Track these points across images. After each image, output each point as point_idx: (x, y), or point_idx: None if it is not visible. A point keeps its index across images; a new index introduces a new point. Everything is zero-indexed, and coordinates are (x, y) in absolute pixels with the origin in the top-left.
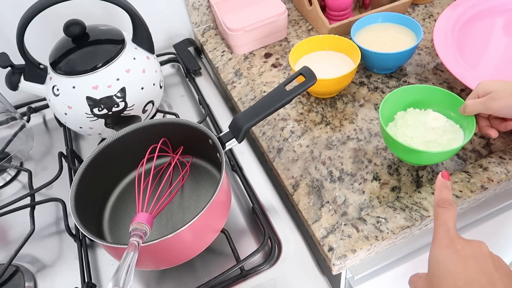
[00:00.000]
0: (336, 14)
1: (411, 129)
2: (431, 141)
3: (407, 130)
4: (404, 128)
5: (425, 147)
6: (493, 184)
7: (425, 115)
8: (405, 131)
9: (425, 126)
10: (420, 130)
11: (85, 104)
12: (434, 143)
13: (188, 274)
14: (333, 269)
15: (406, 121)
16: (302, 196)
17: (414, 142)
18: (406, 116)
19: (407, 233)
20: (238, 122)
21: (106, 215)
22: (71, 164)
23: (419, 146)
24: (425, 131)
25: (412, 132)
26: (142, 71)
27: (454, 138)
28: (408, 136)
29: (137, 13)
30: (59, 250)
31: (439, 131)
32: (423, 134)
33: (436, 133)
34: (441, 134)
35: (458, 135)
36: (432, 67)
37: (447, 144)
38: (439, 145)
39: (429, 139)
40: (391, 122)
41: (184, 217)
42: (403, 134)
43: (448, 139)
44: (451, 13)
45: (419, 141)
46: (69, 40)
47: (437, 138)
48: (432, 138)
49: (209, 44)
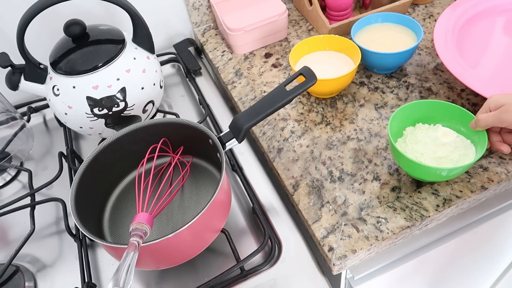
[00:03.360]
0: (336, 14)
1: (421, 145)
2: (442, 157)
3: (417, 146)
4: (413, 144)
5: (436, 164)
6: (493, 184)
7: (434, 131)
8: (415, 147)
9: (435, 142)
10: (430, 146)
11: (85, 104)
12: (446, 159)
13: (188, 274)
14: (333, 269)
15: (416, 137)
16: (302, 196)
17: (424, 158)
18: (415, 132)
19: (407, 233)
20: (238, 122)
21: (106, 215)
22: (71, 164)
23: (430, 162)
24: (435, 147)
25: (422, 148)
26: (143, 71)
27: (466, 154)
28: (418, 153)
29: (137, 13)
30: (59, 250)
31: (450, 146)
32: (434, 150)
33: (447, 149)
34: (452, 150)
35: (470, 151)
36: (432, 67)
37: (458, 160)
38: (451, 161)
39: (440, 155)
40: (400, 138)
41: (184, 217)
42: (413, 151)
43: (460, 155)
44: (452, 13)
45: (429, 157)
46: (69, 40)
47: (448, 154)
48: (443, 154)
49: (210, 44)
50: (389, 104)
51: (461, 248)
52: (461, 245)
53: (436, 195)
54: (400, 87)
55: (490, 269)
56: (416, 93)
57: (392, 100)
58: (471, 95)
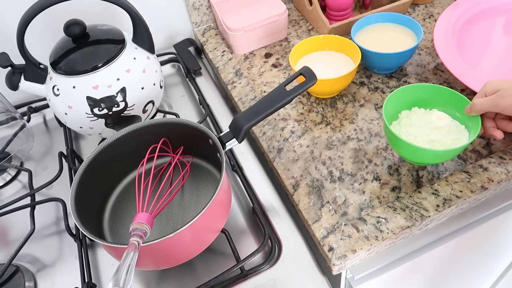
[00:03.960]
0: (336, 14)
1: (415, 128)
2: (435, 141)
3: (411, 129)
4: (408, 127)
5: (429, 146)
6: (493, 184)
7: (429, 115)
8: (408, 130)
9: (429, 126)
10: (424, 129)
11: (85, 104)
12: (438, 143)
13: (188, 274)
14: (333, 269)
15: (411, 120)
16: (302, 196)
17: (417, 141)
18: (410, 115)
19: (407, 233)
20: (238, 122)
21: (106, 215)
22: (71, 164)
23: (423, 145)
24: (429, 130)
25: (416, 131)
26: (143, 71)
27: (459, 139)
28: (411, 135)
29: (137, 13)
30: (59, 250)
31: (443, 130)
32: (427, 133)
33: (440, 132)
34: (446, 134)
35: (463, 136)
36: (432, 67)
37: (451, 144)
38: (443, 144)
39: (433, 138)
40: (395, 120)
41: (184, 217)
42: (406, 133)
43: (453, 139)
44: (452, 13)
45: (422, 140)
46: (69, 40)
47: (441, 137)
48: (436, 137)
49: (210, 44)
50: None
51: (461, 248)
52: (461, 245)
53: (436, 195)
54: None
55: (490, 269)
56: None
57: None
58: (471, 95)
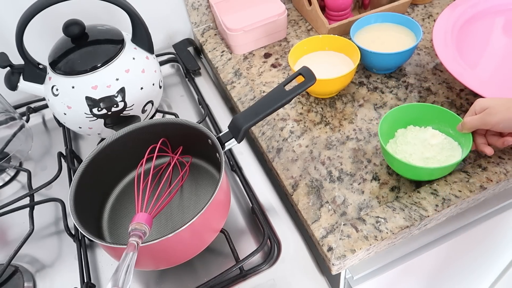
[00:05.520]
0: (335, 14)
1: (411, 146)
2: (429, 158)
3: (406, 147)
4: (403, 145)
5: (424, 164)
6: (492, 184)
7: (424, 133)
8: (404, 148)
9: (424, 143)
10: (419, 147)
11: (84, 104)
12: (433, 160)
13: (188, 274)
14: (333, 269)
15: (406, 138)
16: (301, 196)
17: (413, 158)
18: (406, 133)
19: (406, 233)
20: (237, 122)
21: (106, 215)
22: (70, 164)
23: (418, 162)
24: (423, 148)
25: (411, 149)
26: (142, 71)
27: (452, 155)
28: (407, 153)
29: (136, 13)
30: (58, 250)
31: (437, 148)
32: (422, 150)
33: (434, 150)
34: (439, 151)
35: (456, 152)
36: (431, 67)
37: (445, 160)
38: (437, 161)
39: (428, 155)
40: (391, 138)
41: (183, 217)
42: (402, 151)
43: (446, 156)
44: (451, 13)
45: (418, 157)
46: (69, 40)
47: (435, 154)
48: (431, 154)
49: (209, 44)
50: (388, 104)
51: (460, 248)
52: (460, 245)
53: (435, 195)
54: (399, 87)
55: (489, 269)
56: (415, 93)
57: (391, 100)
58: (470, 95)
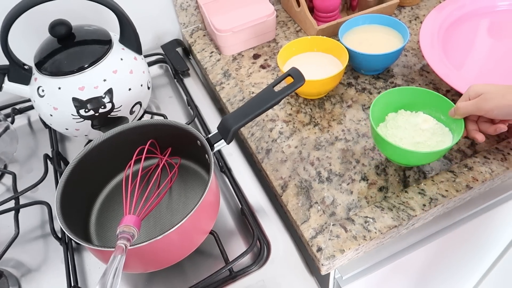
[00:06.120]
0: (324, 15)
1: (401, 130)
2: (420, 142)
3: (397, 131)
4: (394, 129)
5: (414, 148)
6: (478, 183)
7: (415, 117)
8: (395, 132)
9: (414, 128)
10: (409, 131)
11: (71, 105)
12: (423, 145)
13: (177, 276)
14: (322, 269)
15: (397, 122)
16: (290, 197)
17: (403, 143)
18: (396, 118)
19: (394, 233)
20: (226, 123)
21: (93, 218)
22: (56, 166)
23: (408, 147)
24: (414, 132)
25: (402, 133)
26: (130, 72)
27: (443, 141)
28: (397, 137)
29: (124, 14)
30: (44, 254)
31: (428, 133)
32: (413, 135)
33: (425, 135)
34: (430, 136)
35: (447, 138)
36: (418, 68)
37: (435, 146)
38: (428, 146)
39: (418, 140)
40: (382, 122)
41: (172, 219)
42: (392, 135)
43: (437, 141)
44: (437, 15)
45: (408, 142)
46: (55, 40)
47: (426, 140)
48: (421, 139)
49: (198, 45)
50: None
51: (447, 247)
52: (447, 244)
53: (423, 194)
54: (387, 88)
55: (475, 266)
56: None
57: None
58: (456, 95)
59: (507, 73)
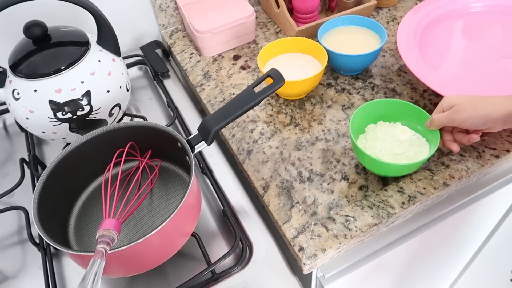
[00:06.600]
0: (303, 17)
1: (380, 141)
2: (398, 154)
3: (376, 143)
4: (373, 140)
5: (393, 160)
6: (455, 180)
7: (393, 128)
8: (374, 144)
9: (393, 139)
10: (388, 142)
11: (47, 108)
12: (402, 156)
13: (159, 279)
14: (304, 268)
15: (376, 134)
16: (272, 197)
17: (382, 154)
18: (376, 129)
19: (374, 231)
20: (207, 125)
21: (72, 223)
22: (33, 170)
23: (387, 158)
24: (393, 144)
25: (381, 145)
26: (108, 73)
27: (420, 151)
28: (377, 149)
29: (101, 15)
30: (22, 261)
31: (406, 144)
32: (391, 146)
33: (403, 146)
34: (408, 147)
35: (424, 148)
36: (396, 68)
37: (413, 157)
38: (406, 157)
39: (397, 151)
40: (362, 134)
41: (153, 221)
42: (372, 146)
43: (415, 152)
44: (413, 17)
45: (387, 153)
46: (30, 42)
47: (404, 151)
48: (400, 151)
49: (177, 46)
50: (355, 105)
51: (427, 243)
52: (427, 241)
53: (402, 192)
54: (366, 88)
55: (454, 262)
56: (381, 94)
57: (358, 101)
58: (433, 95)
59: (482, 74)
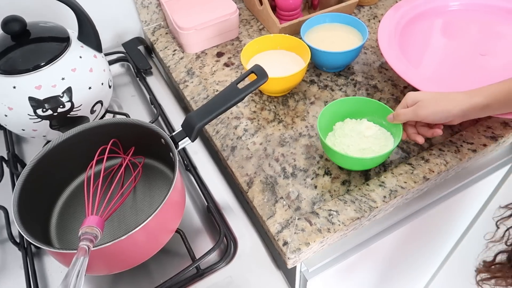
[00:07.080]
0: (286, 14)
1: (348, 138)
2: (365, 149)
3: (344, 139)
4: (341, 137)
5: (361, 154)
6: (434, 174)
7: (360, 125)
8: (342, 140)
9: (359, 135)
10: (355, 138)
11: (27, 105)
12: (368, 150)
13: (143, 276)
14: (288, 262)
15: (344, 131)
16: (256, 193)
17: (350, 150)
18: (343, 126)
19: (357, 224)
20: (191, 121)
21: (54, 221)
22: (13, 169)
23: (355, 153)
24: (360, 139)
25: (349, 141)
26: (89, 70)
27: (386, 145)
28: (345, 145)
29: (82, 10)
30: (2, 261)
31: (372, 138)
32: (358, 142)
33: (369, 141)
34: (374, 142)
35: (389, 142)
36: (377, 65)
37: (379, 150)
38: (373, 151)
39: (364, 146)
40: (331, 132)
41: (137, 218)
42: (341, 143)
43: (380, 145)
44: (394, 15)
45: (355, 149)
46: (8, 38)
47: (370, 145)
48: (366, 145)
49: (160, 43)
50: None
51: (408, 236)
52: (408, 234)
53: (383, 187)
54: (348, 85)
55: (434, 254)
56: (363, 91)
57: (341, 98)
58: (413, 91)
59: (460, 70)
